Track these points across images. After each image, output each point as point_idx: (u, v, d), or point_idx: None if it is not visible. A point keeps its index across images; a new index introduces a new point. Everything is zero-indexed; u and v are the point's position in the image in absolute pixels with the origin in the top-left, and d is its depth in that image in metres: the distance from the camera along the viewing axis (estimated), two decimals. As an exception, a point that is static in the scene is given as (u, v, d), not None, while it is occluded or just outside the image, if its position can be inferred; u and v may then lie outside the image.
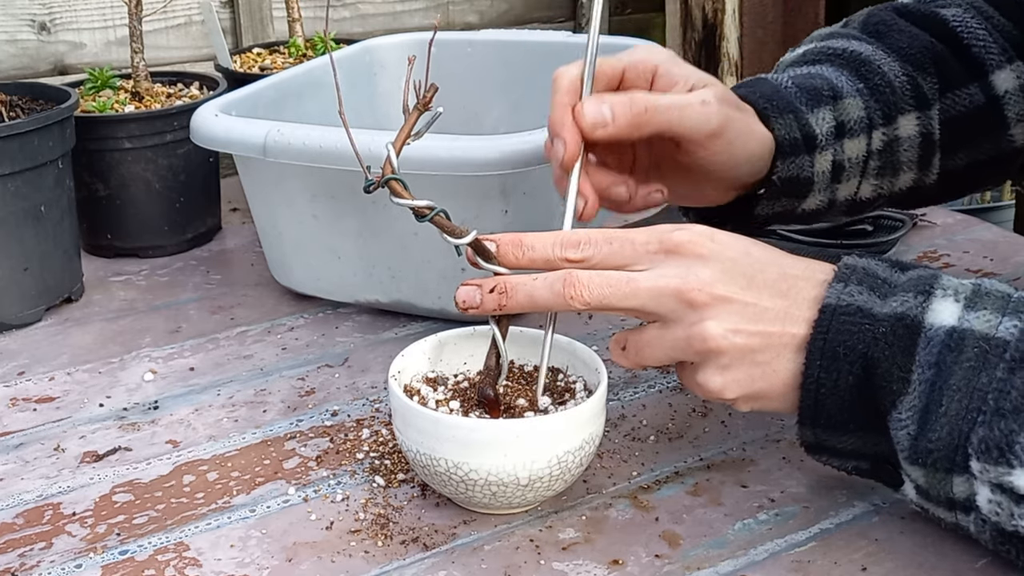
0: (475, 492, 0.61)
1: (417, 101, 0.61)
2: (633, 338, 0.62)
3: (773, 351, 0.59)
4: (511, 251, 0.62)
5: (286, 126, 0.81)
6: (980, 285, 0.57)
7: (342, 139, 0.75)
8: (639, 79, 0.69)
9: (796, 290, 0.59)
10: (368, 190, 0.60)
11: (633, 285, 0.59)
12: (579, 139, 0.65)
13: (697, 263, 0.59)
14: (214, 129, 0.85)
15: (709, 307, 0.58)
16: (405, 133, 0.61)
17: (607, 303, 0.59)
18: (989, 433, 0.53)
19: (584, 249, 0.61)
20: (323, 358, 0.84)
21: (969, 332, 0.55)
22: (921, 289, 0.57)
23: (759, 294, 0.59)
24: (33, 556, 0.62)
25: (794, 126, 0.73)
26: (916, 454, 0.55)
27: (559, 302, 0.60)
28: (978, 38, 0.79)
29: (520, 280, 0.61)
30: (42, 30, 1.20)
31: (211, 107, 0.87)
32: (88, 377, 0.82)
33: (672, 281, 0.58)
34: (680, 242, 0.60)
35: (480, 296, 0.62)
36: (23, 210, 0.88)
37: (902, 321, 0.56)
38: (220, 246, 1.07)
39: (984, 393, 0.53)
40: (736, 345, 0.58)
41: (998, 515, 0.54)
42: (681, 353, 0.60)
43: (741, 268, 0.59)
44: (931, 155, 0.79)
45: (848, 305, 0.57)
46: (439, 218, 0.61)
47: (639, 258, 0.60)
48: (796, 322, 0.58)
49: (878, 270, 0.59)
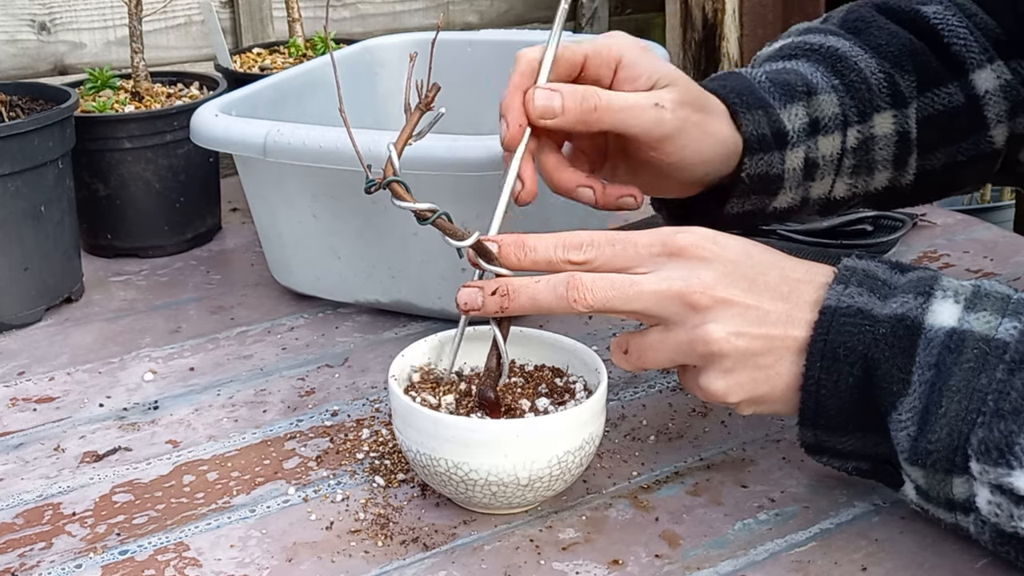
0: (475, 492, 0.61)
1: (419, 101, 0.60)
2: (635, 341, 0.62)
3: (775, 354, 0.59)
4: (513, 252, 0.62)
5: (286, 126, 0.81)
6: (980, 286, 0.57)
7: (342, 139, 0.75)
8: (601, 68, 0.69)
9: (797, 293, 0.59)
10: (369, 191, 0.60)
11: (636, 288, 0.59)
12: (523, 123, 0.65)
13: (700, 266, 0.59)
14: (214, 129, 0.85)
15: (711, 310, 0.58)
16: (407, 133, 0.61)
17: (610, 306, 0.59)
18: (989, 434, 0.53)
19: (587, 251, 0.61)
20: (323, 358, 0.84)
21: (969, 333, 0.55)
22: (921, 290, 0.57)
23: (761, 297, 0.59)
24: (33, 556, 0.62)
25: (763, 122, 0.72)
26: (916, 455, 0.55)
27: (562, 305, 0.60)
28: (959, 36, 0.78)
29: (523, 283, 0.61)
30: (42, 30, 1.20)
31: (211, 107, 0.87)
32: (88, 377, 0.82)
33: (675, 284, 0.58)
34: (683, 245, 0.60)
35: (482, 298, 0.61)
36: (23, 210, 0.88)
37: (902, 322, 0.56)
38: (220, 246, 1.07)
39: (984, 394, 0.53)
40: (739, 348, 0.58)
41: (998, 516, 0.54)
42: (684, 356, 0.60)
43: (743, 271, 0.59)
44: (907, 154, 0.78)
45: (848, 307, 0.57)
46: (441, 220, 0.60)
47: (642, 261, 0.60)
48: (798, 325, 0.58)
49: (878, 272, 0.59)
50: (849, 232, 1.02)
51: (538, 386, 0.67)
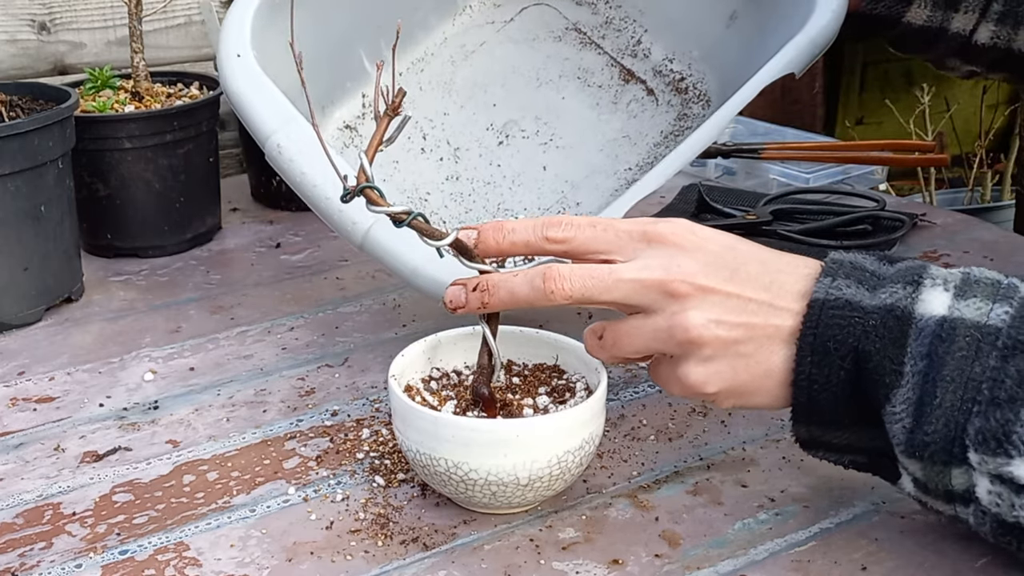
0: (475, 492, 0.61)
1: (386, 107, 0.61)
2: (611, 328, 0.61)
3: (756, 343, 0.58)
4: (492, 236, 0.61)
5: (289, 136, 0.78)
6: (969, 273, 0.56)
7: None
8: None
9: (779, 283, 0.59)
10: (344, 199, 0.60)
11: (615, 277, 0.58)
12: None
13: (680, 254, 0.58)
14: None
15: (691, 297, 0.58)
16: (377, 140, 0.61)
17: (589, 296, 0.59)
18: (985, 423, 0.52)
19: (566, 230, 0.60)
20: (323, 358, 0.84)
21: (960, 321, 0.54)
22: (910, 280, 0.56)
23: (742, 286, 0.58)
24: (33, 556, 0.62)
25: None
26: (912, 447, 0.55)
27: (540, 297, 0.59)
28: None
29: (501, 277, 0.61)
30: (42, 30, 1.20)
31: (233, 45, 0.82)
32: (88, 377, 0.82)
33: (655, 273, 0.58)
34: (663, 232, 0.59)
35: (465, 295, 0.62)
36: (23, 210, 0.88)
37: (892, 313, 0.55)
38: (220, 246, 1.07)
39: (978, 383, 0.53)
40: (718, 336, 0.58)
41: (998, 506, 0.53)
42: (662, 344, 0.59)
43: (724, 261, 0.59)
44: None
45: (837, 299, 0.56)
46: (417, 222, 0.61)
47: (622, 245, 0.60)
48: (780, 314, 0.58)
49: (866, 263, 0.58)
50: (849, 232, 1.02)
51: (538, 386, 0.67)
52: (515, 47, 1.01)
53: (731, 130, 1.31)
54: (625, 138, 0.96)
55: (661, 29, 0.99)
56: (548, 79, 1.00)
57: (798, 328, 0.57)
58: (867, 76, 2.38)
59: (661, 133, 0.96)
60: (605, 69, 1.00)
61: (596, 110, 0.98)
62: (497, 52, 1.01)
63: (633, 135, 0.97)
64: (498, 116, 0.99)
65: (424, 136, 0.97)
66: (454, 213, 0.94)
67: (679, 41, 0.98)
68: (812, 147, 1.20)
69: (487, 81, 1.00)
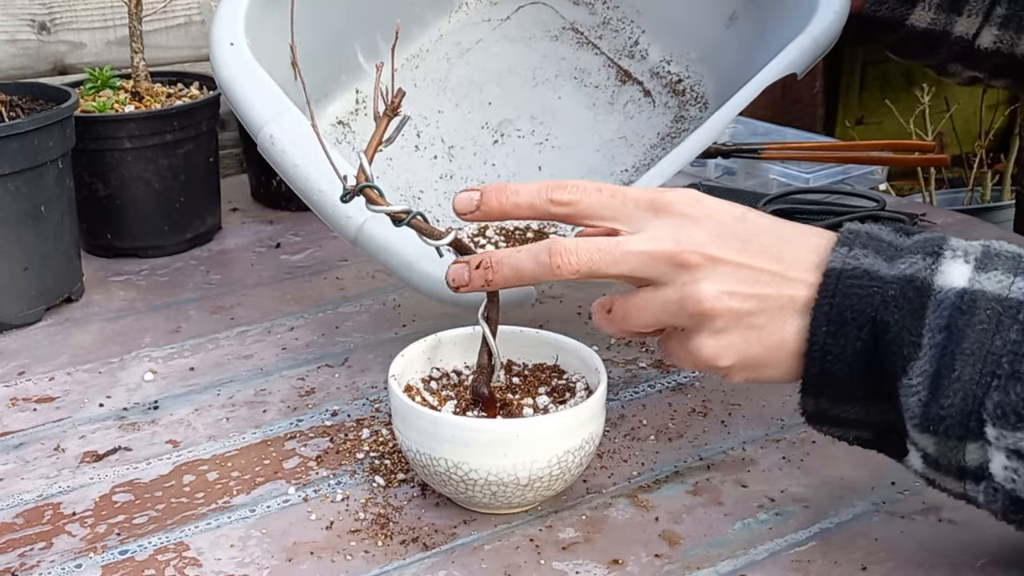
0: (475, 492, 0.61)
1: (385, 107, 0.61)
2: (620, 301, 0.59)
3: (768, 314, 0.56)
4: (495, 196, 0.60)
5: (283, 127, 0.79)
6: (990, 246, 0.55)
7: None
8: None
9: (791, 254, 0.57)
10: (344, 199, 0.60)
11: (623, 248, 0.57)
12: None
13: (689, 224, 0.57)
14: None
15: (703, 268, 0.56)
16: (376, 140, 0.61)
17: (596, 269, 0.57)
18: (1005, 397, 0.51)
19: (572, 192, 0.58)
20: (323, 358, 0.84)
21: (980, 294, 0.52)
22: (929, 251, 0.55)
23: (754, 257, 0.57)
24: (33, 556, 0.62)
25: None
26: (927, 421, 0.53)
27: (545, 272, 0.58)
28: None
29: (505, 253, 0.59)
30: (42, 30, 1.20)
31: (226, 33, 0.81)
32: (88, 377, 0.82)
33: (665, 244, 0.57)
34: (671, 201, 0.58)
35: (468, 273, 0.60)
36: (23, 210, 0.88)
37: (911, 283, 0.54)
38: (220, 246, 1.07)
39: (998, 356, 0.51)
40: (731, 308, 0.56)
41: (1014, 482, 0.52)
42: (673, 316, 0.58)
43: (735, 231, 0.57)
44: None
45: (854, 268, 0.55)
46: (416, 221, 0.61)
47: (628, 213, 0.58)
48: (793, 284, 0.56)
49: (882, 234, 0.57)
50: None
51: (538, 386, 0.67)
52: (511, 45, 1.01)
53: (731, 130, 1.31)
54: (621, 139, 0.96)
55: (659, 30, 0.99)
56: (544, 78, 1.00)
57: (812, 298, 0.56)
58: (867, 76, 2.38)
59: (658, 135, 0.96)
60: (602, 70, 1.00)
61: (592, 111, 0.98)
62: (493, 50, 1.01)
63: (630, 136, 0.97)
64: (493, 115, 0.98)
65: (418, 134, 0.97)
66: (447, 212, 0.94)
67: (677, 42, 0.98)
68: (812, 147, 1.20)
69: (483, 79, 1.00)
